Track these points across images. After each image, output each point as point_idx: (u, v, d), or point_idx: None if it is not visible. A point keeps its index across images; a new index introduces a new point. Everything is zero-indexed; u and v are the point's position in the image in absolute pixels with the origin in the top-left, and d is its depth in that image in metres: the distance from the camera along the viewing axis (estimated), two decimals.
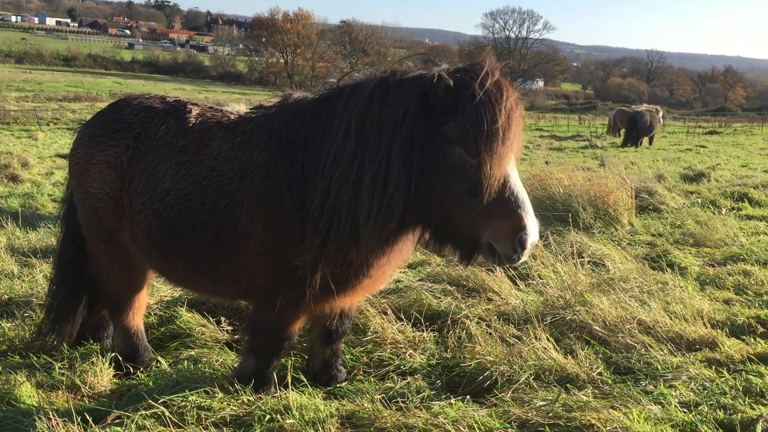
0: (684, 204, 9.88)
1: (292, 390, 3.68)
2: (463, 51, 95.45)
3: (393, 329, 4.60)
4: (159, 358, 4.30)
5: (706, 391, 3.80)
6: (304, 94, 3.61)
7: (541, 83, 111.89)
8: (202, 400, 3.56)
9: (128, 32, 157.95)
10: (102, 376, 3.98)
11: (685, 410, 3.58)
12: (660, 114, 30.54)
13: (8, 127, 29.40)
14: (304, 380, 3.95)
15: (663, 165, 17.54)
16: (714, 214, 8.92)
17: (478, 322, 4.72)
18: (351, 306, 3.94)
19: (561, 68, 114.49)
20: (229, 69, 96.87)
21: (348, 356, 4.37)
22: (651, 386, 3.87)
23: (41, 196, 11.13)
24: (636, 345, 4.37)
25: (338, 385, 4.00)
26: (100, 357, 4.14)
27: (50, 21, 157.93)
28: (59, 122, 33.16)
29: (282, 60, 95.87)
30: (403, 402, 3.69)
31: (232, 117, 3.76)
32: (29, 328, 4.61)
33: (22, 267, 6.15)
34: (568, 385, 3.89)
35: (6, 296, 5.24)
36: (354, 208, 3.07)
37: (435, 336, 4.67)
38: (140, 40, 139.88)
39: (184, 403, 3.51)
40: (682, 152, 24.70)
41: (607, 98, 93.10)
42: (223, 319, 4.91)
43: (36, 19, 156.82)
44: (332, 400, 3.77)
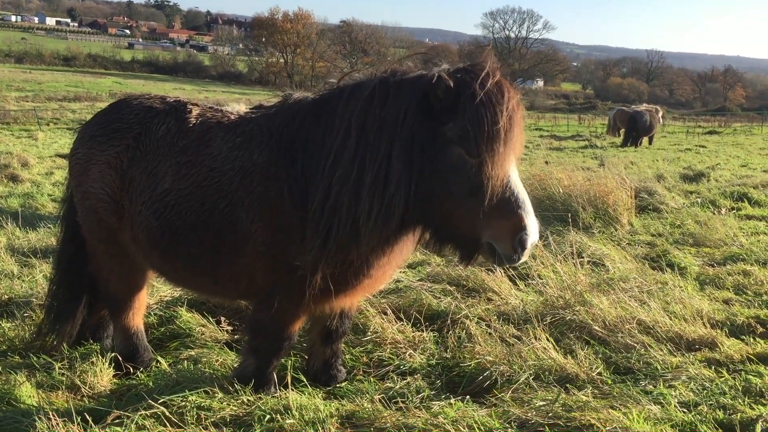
0: (684, 204, 9.88)
1: (292, 390, 3.68)
2: (463, 51, 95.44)
3: (393, 329, 4.60)
4: (159, 358, 4.30)
5: (706, 391, 3.81)
6: (305, 94, 3.61)
7: (541, 83, 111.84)
8: (202, 400, 3.56)
9: (128, 32, 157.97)
10: (102, 376, 3.98)
11: (685, 410, 3.58)
12: (660, 114, 30.54)
13: (8, 127, 29.39)
14: (304, 380, 3.95)
15: (663, 165, 17.54)
16: (714, 214, 8.93)
17: (478, 322, 4.72)
18: (351, 306, 3.94)
19: (561, 68, 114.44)
20: (229, 69, 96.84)
21: (348, 356, 4.37)
22: (651, 386, 3.87)
23: (41, 196, 11.13)
24: (636, 345, 4.37)
25: (338, 385, 4.00)
26: (100, 357, 4.14)
27: (50, 21, 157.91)
28: (59, 122, 33.15)
29: (282, 60, 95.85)
30: (403, 402, 3.69)
31: (233, 117, 3.76)
32: (29, 328, 4.61)
33: (22, 267, 6.15)
34: (568, 385, 3.89)
35: (6, 296, 5.24)
36: (354, 209, 3.07)
37: (435, 336, 4.67)
38: (140, 40, 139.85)
39: (184, 403, 3.51)
40: (682, 152, 24.69)
41: (607, 98, 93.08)
42: (223, 319, 4.91)
43: (36, 19, 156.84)
44: (332, 400, 3.77)
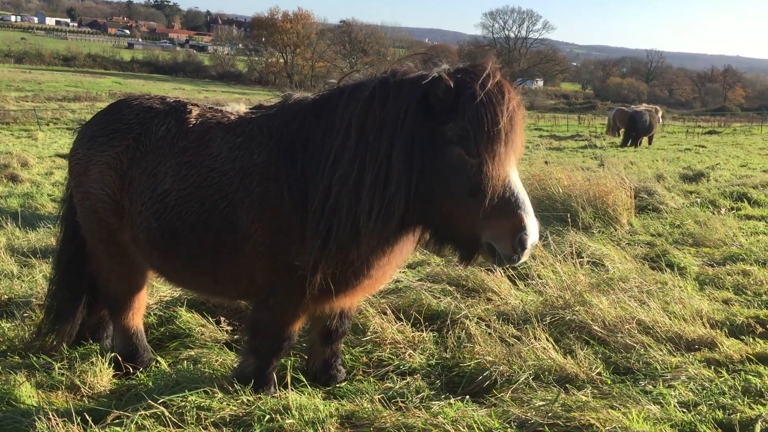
0: (683, 204, 9.88)
1: (292, 390, 3.68)
2: (463, 51, 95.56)
3: (392, 329, 4.60)
4: (158, 358, 4.30)
5: (705, 391, 3.81)
6: (305, 95, 3.61)
7: (541, 83, 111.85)
8: (202, 400, 3.56)
9: (128, 32, 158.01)
10: (101, 377, 3.98)
11: (684, 410, 3.58)
12: (659, 114, 30.55)
13: (8, 127, 29.37)
14: (304, 380, 3.95)
15: (662, 165, 17.54)
16: (713, 214, 8.93)
17: (478, 322, 4.72)
18: (351, 306, 3.94)
19: (560, 68, 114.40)
20: (229, 69, 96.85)
21: (347, 356, 4.37)
22: (650, 386, 3.87)
23: (41, 196, 11.12)
24: (635, 345, 4.38)
25: (338, 385, 4.01)
26: (100, 357, 4.14)
27: (50, 21, 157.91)
28: (59, 122, 33.13)
29: (281, 60, 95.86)
30: (403, 402, 3.69)
31: (232, 117, 3.76)
32: (29, 329, 4.61)
33: (22, 267, 6.15)
34: (568, 385, 3.89)
35: (6, 296, 5.24)
36: (354, 209, 3.07)
37: (434, 336, 4.67)
38: (140, 40, 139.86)
39: (184, 403, 3.51)
40: (682, 152, 24.69)
41: (607, 98, 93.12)
42: (223, 319, 4.91)
43: (35, 19, 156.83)
44: (332, 400, 3.77)
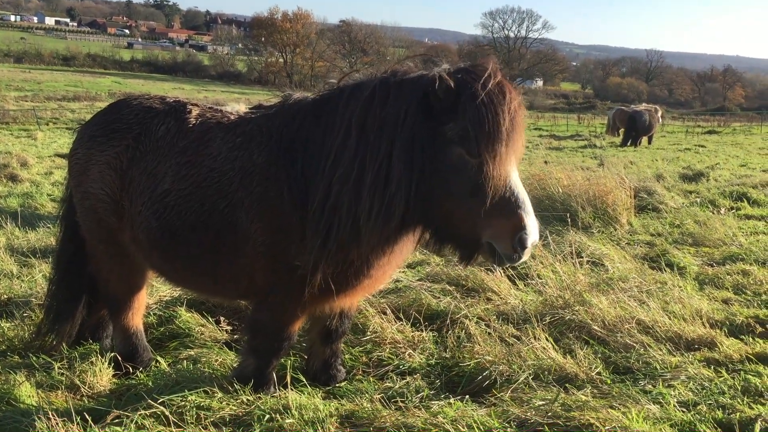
0: (683, 204, 9.89)
1: (292, 390, 3.68)
2: (463, 51, 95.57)
3: (392, 329, 4.60)
4: (158, 358, 4.30)
5: (705, 391, 3.81)
6: (304, 95, 3.61)
7: (540, 83, 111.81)
8: (202, 400, 3.56)
9: (127, 32, 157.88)
10: (101, 376, 3.98)
11: (684, 410, 3.59)
12: (659, 113, 30.56)
13: (7, 127, 29.35)
14: (304, 380, 3.95)
15: (662, 164, 17.55)
16: (713, 214, 8.94)
17: (477, 322, 4.72)
18: (351, 306, 3.94)
19: (560, 68, 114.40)
20: (229, 68, 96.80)
21: (347, 356, 4.38)
22: (650, 386, 3.88)
23: (40, 196, 11.12)
24: (635, 345, 4.38)
25: (337, 385, 4.01)
26: (100, 357, 4.14)
27: (49, 20, 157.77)
28: (58, 122, 33.10)
29: (281, 59, 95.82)
30: (402, 402, 3.69)
31: (232, 117, 3.76)
32: (28, 328, 4.61)
33: (22, 267, 6.14)
34: (567, 385, 3.89)
35: (5, 296, 5.24)
36: (355, 208, 3.07)
37: (434, 336, 4.67)
38: (139, 40, 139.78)
39: (184, 403, 3.51)
40: (681, 152, 24.70)
41: (607, 98, 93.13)
42: (223, 319, 4.91)
43: (35, 19, 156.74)
44: (331, 400, 3.77)
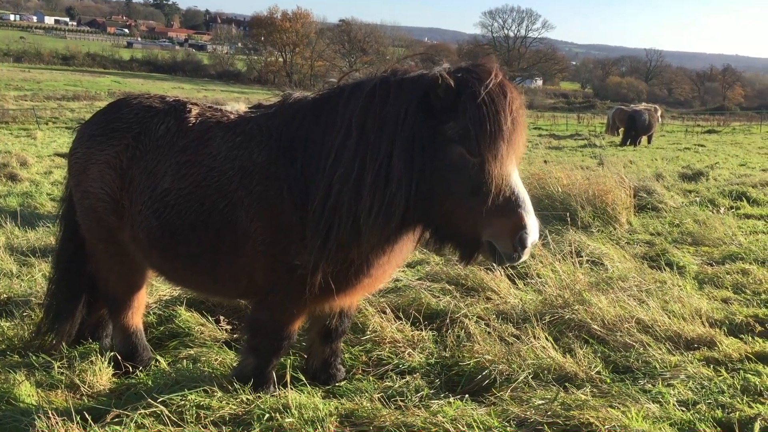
0: (682, 203, 9.89)
1: (291, 389, 3.68)
2: (462, 50, 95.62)
3: (392, 328, 4.60)
4: (158, 357, 4.30)
5: (705, 390, 3.81)
6: (304, 94, 3.61)
7: (540, 82, 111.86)
8: (201, 399, 3.56)
9: (127, 31, 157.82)
10: (101, 375, 3.98)
11: (684, 409, 3.59)
12: (658, 113, 30.58)
13: (7, 126, 29.38)
14: (303, 379, 3.95)
15: (661, 164, 17.55)
16: (712, 213, 8.94)
17: (477, 321, 4.72)
18: (350, 305, 3.94)
19: (560, 67, 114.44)
20: (228, 68, 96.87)
21: (347, 355, 4.37)
22: (649, 385, 3.88)
23: (40, 195, 11.13)
24: (634, 344, 4.38)
25: (337, 384, 4.01)
26: (99, 356, 4.14)
27: (49, 20, 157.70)
28: (58, 121, 33.11)
29: (281, 59, 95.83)
30: (402, 401, 3.69)
31: (232, 116, 3.76)
32: (28, 328, 4.61)
33: (21, 266, 6.15)
34: (567, 384, 3.89)
35: (5, 295, 5.24)
36: (355, 207, 3.07)
37: (434, 335, 4.67)
38: (139, 39, 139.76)
39: (183, 402, 3.51)
40: (681, 151, 24.72)
41: (606, 97, 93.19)
42: (222, 318, 4.91)
43: (34, 18, 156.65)
44: (331, 399, 3.77)
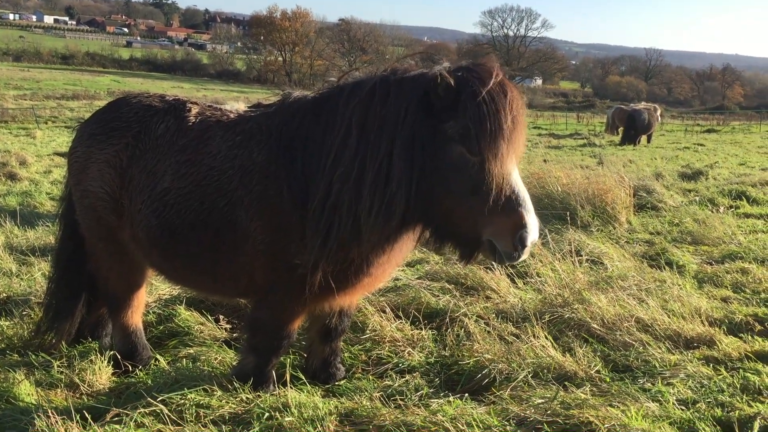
0: (682, 202, 9.89)
1: (291, 388, 3.68)
2: (462, 49, 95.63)
3: (391, 327, 4.60)
4: (158, 356, 4.30)
5: (704, 389, 3.81)
6: (304, 93, 3.60)
7: (540, 81, 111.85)
8: (201, 398, 3.56)
9: (126, 30, 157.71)
10: (101, 375, 3.98)
11: (683, 408, 3.59)
12: (658, 112, 30.58)
13: (6, 126, 29.35)
14: (303, 378, 3.96)
15: (661, 163, 17.56)
16: (712, 212, 8.94)
17: (477, 320, 4.73)
18: (350, 304, 3.94)
19: (559, 66, 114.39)
20: (228, 67, 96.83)
21: (347, 354, 4.38)
22: (649, 384, 3.88)
23: (39, 195, 11.12)
24: (634, 343, 4.38)
25: (337, 383, 4.01)
26: (99, 355, 4.14)
27: (48, 19, 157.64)
28: (57, 120, 33.08)
29: (280, 58, 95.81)
30: (402, 400, 3.69)
31: (232, 116, 3.76)
32: (28, 327, 4.61)
33: (21, 265, 6.15)
34: (567, 383, 3.90)
35: (4, 295, 5.24)
36: (355, 207, 3.07)
37: (433, 334, 4.67)
38: (138, 38, 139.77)
39: (183, 401, 3.51)
40: (680, 150, 24.73)
41: (606, 96, 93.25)
42: (222, 317, 4.92)
43: (34, 17, 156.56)
44: (331, 398, 3.77)
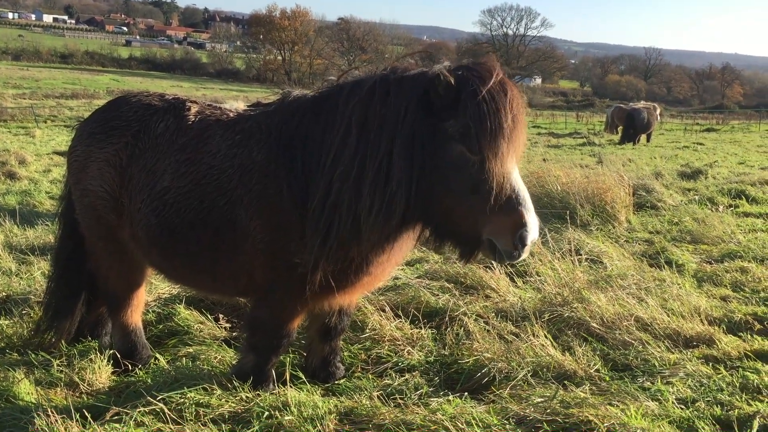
0: (681, 201, 9.90)
1: (291, 387, 3.68)
2: (461, 48, 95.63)
3: (391, 326, 4.60)
4: (157, 355, 4.30)
5: (703, 388, 3.82)
6: (303, 92, 3.60)
7: (539, 80, 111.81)
8: (201, 397, 3.56)
9: (125, 29, 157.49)
10: (100, 373, 3.98)
11: (683, 407, 3.59)
12: (657, 111, 30.59)
13: (5, 125, 29.30)
14: (303, 377, 3.96)
15: (660, 162, 17.56)
16: (711, 212, 8.95)
17: (476, 319, 4.73)
18: (350, 303, 3.94)
19: (559, 65, 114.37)
20: (227, 66, 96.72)
21: (346, 353, 4.38)
22: (648, 383, 3.88)
23: (39, 194, 11.12)
24: (633, 342, 4.39)
25: (336, 382, 4.01)
26: (99, 354, 4.14)
27: (47, 18, 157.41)
28: (56, 119, 33.03)
29: (280, 57, 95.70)
30: (402, 399, 3.69)
31: (231, 115, 3.75)
32: (27, 326, 4.61)
33: (20, 264, 6.15)
34: (566, 382, 3.90)
35: (4, 294, 5.24)
36: (355, 206, 3.07)
37: (433, 333, 4.68)
38: (137, 37, 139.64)
39: (183, 400, 3.51)
40: (680, 149, 24.74)
41: (605, 95, 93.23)
42: (222, 316, 4.92)
43: (33, 16, 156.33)
44: (330, 397, 3.77)
